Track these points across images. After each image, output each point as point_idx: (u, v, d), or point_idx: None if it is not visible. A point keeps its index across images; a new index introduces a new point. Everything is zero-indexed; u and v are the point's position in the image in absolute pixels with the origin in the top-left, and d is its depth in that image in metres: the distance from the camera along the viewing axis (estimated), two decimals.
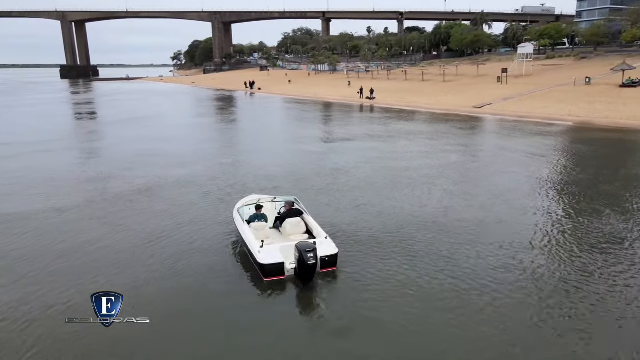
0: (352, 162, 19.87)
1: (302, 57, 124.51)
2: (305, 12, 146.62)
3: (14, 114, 42.79)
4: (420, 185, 15.80)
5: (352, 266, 9.70)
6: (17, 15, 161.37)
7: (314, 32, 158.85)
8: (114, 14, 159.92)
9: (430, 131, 29.51)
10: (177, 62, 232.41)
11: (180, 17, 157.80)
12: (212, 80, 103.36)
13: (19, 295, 8.64)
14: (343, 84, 66.00)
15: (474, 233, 11.34)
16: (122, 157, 21.75)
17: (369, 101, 50.74)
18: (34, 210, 13.49)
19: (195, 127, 32.61)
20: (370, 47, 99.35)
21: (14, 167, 19.43)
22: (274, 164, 19.71)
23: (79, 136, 27.99)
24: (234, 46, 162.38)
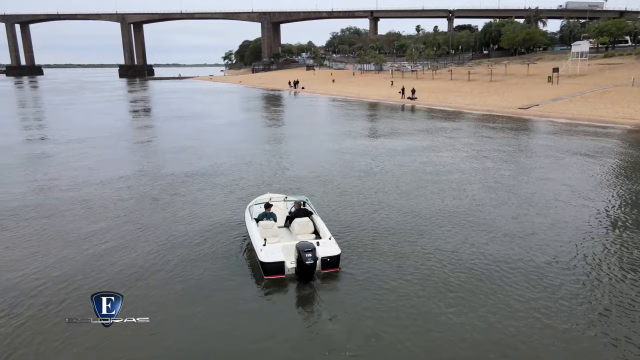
0: (382, 164, 19.55)
1: (348, 56, 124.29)
2: (353, 11, 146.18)
3: (71, 112, 45.50)
4: (449, 191, 15.16)
5: (356, 269, 9.59)
6: (81, 18, 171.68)
7: (362, 31, 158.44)
8: (169, 16, 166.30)
9: (468, 133, 28.60)
10: (228, 62, 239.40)
11: (232, 17, 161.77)
12: (258, 79, 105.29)
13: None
14: (386, 84, 65.33)
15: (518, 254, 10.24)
16: (156, 154, 22.59)
17: (410, 101, 49.90)
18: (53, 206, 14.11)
19: (232, 126, 33.29)
20: (418, 46, 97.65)
21: (52, 162, 20.68)
22: (302, 164, 19.73)
23: (119, 135, 29.12)
24: (282, 46, 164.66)
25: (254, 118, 39.45)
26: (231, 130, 31.22)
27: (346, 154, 21.72)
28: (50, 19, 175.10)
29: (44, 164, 20.14)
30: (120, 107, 50.62)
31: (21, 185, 16.49)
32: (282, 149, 23.80)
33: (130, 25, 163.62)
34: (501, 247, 10.67)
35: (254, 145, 24.56)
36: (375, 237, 11.29)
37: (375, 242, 10.96)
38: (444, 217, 12.63)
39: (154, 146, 25.17)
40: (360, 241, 10.99)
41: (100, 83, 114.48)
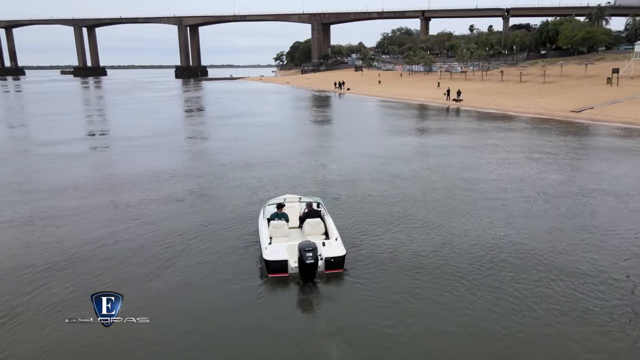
0: (415, 168, 18.94)
1: (397, 57, 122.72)
2: (404, 11, 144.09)
3: (122, 111, 47.97)
4: (481, 202, 14.14)
5: (362, 273, 9.48)
6: (142, 21, 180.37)
7: (413, 32, 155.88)
8: (223, 18, 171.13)
9: (510, 137, 27.44)
10: (279, 63, 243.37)
11: (283, 19, 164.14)
12: (306, 80, 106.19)
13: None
14: (432, 85, 63.93)
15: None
16: (194, 153, 23.36)
17: (455, 103, 48.56)
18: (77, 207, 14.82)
19: (271, 126, 33.74)
20: (469, 46, 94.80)
21: (87, 161, 21.83)
22: (333, 166, 19.61)
23: (162, 134, 30.27)
24: (332, 47, 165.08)
25: (295, 118, 39.87)
26: (269, 130, 31.67)
27: (379, 157, 21.37)
28: (114, 23, 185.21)
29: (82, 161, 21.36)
30: (171, 106, 52.70)
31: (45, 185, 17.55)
32: (315, 150, 23.79)
33: (187, 27, 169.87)
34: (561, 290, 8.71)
35: (289, 147, 24.67)
36: (387, 246, 10.81)
37: (387, 251, 10.49)
38: (472, 235, 11.43)
39: (193, 144, 26.02)
40: (370, 249, 10.68)
41: (157, 83, 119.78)
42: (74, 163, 20.60)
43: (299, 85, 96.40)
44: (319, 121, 37.48)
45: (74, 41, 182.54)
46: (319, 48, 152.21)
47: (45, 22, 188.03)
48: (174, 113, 44.48)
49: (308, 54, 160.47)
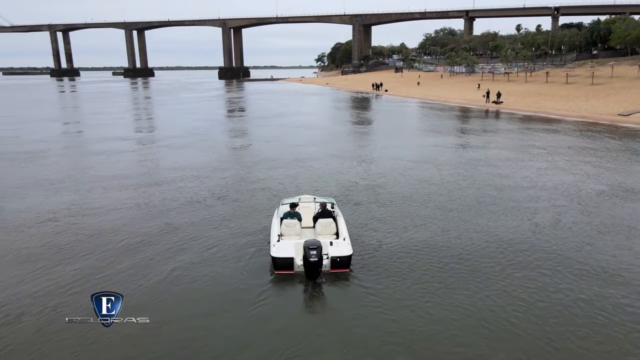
0: (443, 174, 18.17)
1: (439, 58, 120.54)
2: (447, 11, 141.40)
3: (162, 111, 49.68)
4: (511, 212, 13.37)
5: (368, 276, 9.43)
6: (188, 24, 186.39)
7: (457, 32, 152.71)
8: (266, 20, 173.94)
9: (548, 141, 26.32)
10: (321, 64, 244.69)
11: (324, 20, 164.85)
12: (345, 81, 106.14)
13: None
14: (472, 87, 62.35)
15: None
16: (222, 153, 23.87)
17: (495, 105, 47.14)
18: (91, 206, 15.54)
19: (304, 127, 33.93)
20: (514, 46, 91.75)
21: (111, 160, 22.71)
22: (359, 169, 19.39)
23: (196, 134, 31.07)
24: (373, 48, 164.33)
25: (329, 120, 39.91)
26: (303, 131, 31.80)
27: (408, 161, 20.95)
28: (162, 26, 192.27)
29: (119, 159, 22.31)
30: (209, 107, 53.99)
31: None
32: (344, 152, 23.56)
33: (230, 29, 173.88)
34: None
35: (319, 148, 24.62)
36: (398, 253, 10.52)
37: (396, 258, 10.25)
38: (494, 249, 10.65)
39: (225, 144, 26.56)
40: (380, 255, 10.52)
41: (199, 84, 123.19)
42: (109, 160, 21.59)
43: (338, 86, 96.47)
44: (353, 123, 37.36)
45: (125, 44, 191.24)
46: (359, 49, 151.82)
47: (99, 25, 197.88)
48: (212, 113, 45.50)
49: (349, 55, 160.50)
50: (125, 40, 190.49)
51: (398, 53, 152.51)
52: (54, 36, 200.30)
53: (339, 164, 20.53)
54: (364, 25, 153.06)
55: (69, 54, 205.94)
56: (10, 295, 8.70)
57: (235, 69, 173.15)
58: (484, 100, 49.38)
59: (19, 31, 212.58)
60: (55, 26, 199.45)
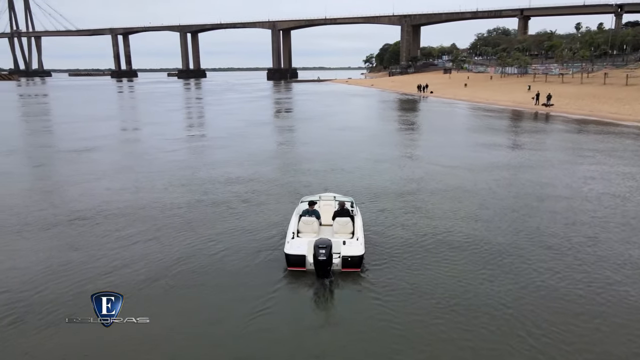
0: (479, 181, 17.12)
1: (490, 59, 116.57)
2: (500, 10, 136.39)
3: (205, 111, 51.12)
4: (547, 224, 12.38)
5: (380, 280, 9.32)
6: (239, 26, 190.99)
7: (511, 31, 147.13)
8: (314, 22, 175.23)
9: (597, 147, 24.77)
10: (369, 65, 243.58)
11: (373, 21, 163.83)
12: (391, 83, 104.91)
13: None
14: (522, 89, 59.85)
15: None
16: (252, 154, 24.20)
17: (545, 108, 44.98)
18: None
19: (342, 130, 33.80)
20: (572, 46, 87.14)
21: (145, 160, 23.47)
22: (388, 175, 18.77)
23: (233, 135, 31.70)
24: (422, 48, 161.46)
25: (368, 121, 39.55)
26: (339, 133, 31.71)
27: (443, 165, 20.29)
28: (215, 28, 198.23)
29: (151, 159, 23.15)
30: (252, 108, 54.96)
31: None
32: (377, 156, 23.21)
33: (280, 31, 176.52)
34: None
35: (355, 151, 24.35)
36: (412, 262, 10.15)
37: (410, 268, 9.86)
38: (523, 268, 9.69)
39: (256, 145, 26.95)
40: (394, 258, 10.33)
41: (247, 85, 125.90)
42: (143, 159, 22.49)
43: (383, 87, 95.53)
44: (392, 125, 36.83)
45: (180, 46, 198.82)
46: (407, 50, 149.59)
47: (156, 29, 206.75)
48: (253, 114, 46.23)
49: (397, 56, 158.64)
50: (180, 42, 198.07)
51: (448, 54, 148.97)
52: (115, 39, 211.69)
53: (372, 166, 20.23)
54: (412, 26, 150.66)
55: (128, 56, 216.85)
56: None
57: (283, 70, 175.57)
58: (533, 103, 47.26)
59: (84, 35, 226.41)
60: (116, 30, 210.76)
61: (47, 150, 25.76)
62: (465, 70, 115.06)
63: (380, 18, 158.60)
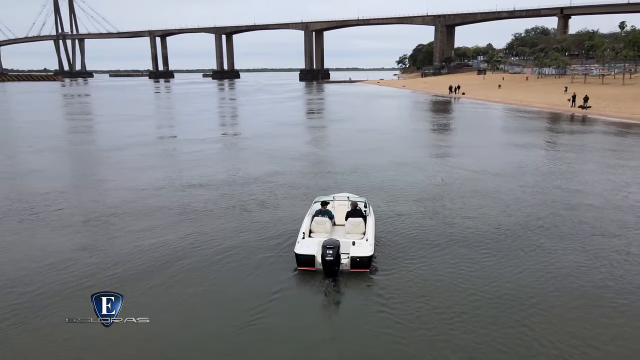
0: (504, 188, 16.37)
1: (527, 59, 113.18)
2: (538, 9, 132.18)
3: (234, 111, 51.75)
4: (571, 237, 11.49)
5: (388, 278, 9.23)
6: (273, 28, 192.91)
7: (550, 31, 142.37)
8: (347, 22, 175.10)
9: (637, 154, 23.66)
10: (402, 66, 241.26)
11: (406, 22, 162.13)
12: (423, 84, 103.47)
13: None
14: (558, 90, 57.81)
15: None
16: (271, 156, 24.31)
17: (581, 110, 43.24)
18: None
19: (362, 132, 33.56)
20: (615, 45, 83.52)
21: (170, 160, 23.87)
22: (410, 179, 18.33)
23: (256, 137, 31.81)
24: (456, 49, 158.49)
25: (395, 122, 39.09)
26: (366, 136, 31.51)
27: (465, 169, 19.76)
28: (249, 30, 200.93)
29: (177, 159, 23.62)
30: (280, 108, 55.27)
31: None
32: (400, 158, 22.83)
33: (312, 32, 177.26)
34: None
35: (379, 154, 24.03)
36: (421, 270, 9.85)
37: (420, 278, 9.55)
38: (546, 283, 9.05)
39: (275, 148, 27.03)
40: (404, 272, 9.99)
41: (278, 85, 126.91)
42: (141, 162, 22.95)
43: (414, 89, 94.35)
44: (419, 127, 36.29)
45: (215, 47, 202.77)
46: (441, 50, 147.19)
47: (192, 30, 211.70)
48: (281, 115, 46.51)
49: (430, 57, 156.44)
50: (215, 44, 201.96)
51: (483, 54, 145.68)
52: (153, 41, 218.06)
53: (395, 169, 19.91)
54: (447, 26, 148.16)
55: (165, 57, 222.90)
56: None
57: (315, 71, 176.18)
58: (568, 105, 45.55)
59: (124, 37, 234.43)
60: (155, 32, 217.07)
61: (81, 148, 26.73)
62: (500, 71, 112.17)
63: (414, 18, 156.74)
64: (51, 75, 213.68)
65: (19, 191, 16.46)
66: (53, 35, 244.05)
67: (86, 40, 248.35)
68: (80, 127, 37.54)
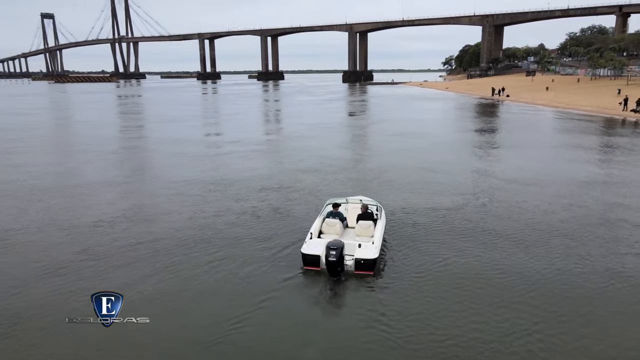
0: (531, 195, 15.79)
1: (580, 60, 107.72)
2: (595, 7, 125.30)
3: (271, 112, 52.39)
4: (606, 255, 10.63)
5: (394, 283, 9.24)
6: (317, 29, 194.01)
7: (608, 30, 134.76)
8: (392, 24, 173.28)
9: None
10: (448, 67, 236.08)
11: (452, 22, 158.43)
12: (467, 86, 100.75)
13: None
14: (611, 92, 54.61)
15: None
16: (291, 160, 24.38)
17: (634, 115, 40.71)
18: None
19: (393, 136, 33.07)
20: None
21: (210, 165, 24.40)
22: (434, 187, 17.62)
23: (286, 139, 32.11)
24: (505, 50, 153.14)
25: (431, 125, 38.33)
26: (398, 140, 30.99)
27: (494, 177, 18.99)
28: (294, 32, 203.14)
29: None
30: (315, 110, 55.34)
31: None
32: (431, 164, 22.26)
33: (356, 34, 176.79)
34: None
35: (408, 159, 23.56)
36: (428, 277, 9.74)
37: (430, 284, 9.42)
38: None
39: (308, 150, 27.12)
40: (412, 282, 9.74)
41: (320, 87, 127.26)
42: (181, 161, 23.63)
43: (458, 90, 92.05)
44: (453, 130, 35.40)
45: (259, 49, 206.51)
46: (488, 51, 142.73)
47: (239, 33, 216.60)
48: (317, 118, 46.55)
49: (477, 58, 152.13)
50: (260, 46, 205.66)
51: (534, 55, 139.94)
52: (202, 44, 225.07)
53: (421, 176, 19.30)
54: (495, 26, 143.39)
55: (213, 59, 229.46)
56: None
57: (358, 73, 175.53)
58: (620, 108, 43.00)
59: (175, 40, 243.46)
60: (203, 35, 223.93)
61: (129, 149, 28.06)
62: (551, 72, 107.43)
63: (460, 19, 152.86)
64: (107, 77, 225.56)
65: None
66: (110, 38, 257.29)
67: (140, 42, 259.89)
68: (132, 126, 39.33)
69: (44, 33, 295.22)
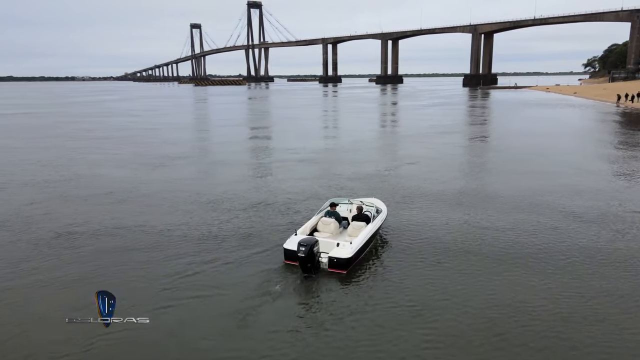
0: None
1: None
2: None
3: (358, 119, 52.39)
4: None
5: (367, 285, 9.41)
6: (439, 32, 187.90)
7: None
8: (521, 23, 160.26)
9: None
10: (590, 69, 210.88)
11: (594, 19, 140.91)
12: (602, 91, 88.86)
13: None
14: None
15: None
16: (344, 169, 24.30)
17: None
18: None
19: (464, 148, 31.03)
20: None
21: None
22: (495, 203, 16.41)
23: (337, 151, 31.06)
24: None
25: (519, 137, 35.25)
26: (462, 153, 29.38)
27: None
28: (415, 35, 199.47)
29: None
30: (407, 117, 53.69)
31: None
32: (461, 188, 20.66)
33: (481, 35, 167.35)
34: None
35: (465, 182, 22.07)
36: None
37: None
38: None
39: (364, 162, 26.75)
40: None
41: (433, 91, 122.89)
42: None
43: (587, 96, 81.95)
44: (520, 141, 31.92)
45: (379, 53, 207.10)
46: (637, 51, 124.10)
47: (361, 37, 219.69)
48: (408, 125, 45.27)
49: (624, 59, 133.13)
50: (381, 49, 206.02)
51: None
52: (325, 48, 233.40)
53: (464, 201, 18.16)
54: None
55: (335, 63, 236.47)
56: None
57: (480, 76, 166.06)
58: None
59: (301, 45, 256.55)
60: (327, 40, 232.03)
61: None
62: None
63: (605, 15, 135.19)
64: (239, 80, 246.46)
65: None
66: (244, 45, 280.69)
67: (270, 48, 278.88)
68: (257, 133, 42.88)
69: (191, 42, 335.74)
